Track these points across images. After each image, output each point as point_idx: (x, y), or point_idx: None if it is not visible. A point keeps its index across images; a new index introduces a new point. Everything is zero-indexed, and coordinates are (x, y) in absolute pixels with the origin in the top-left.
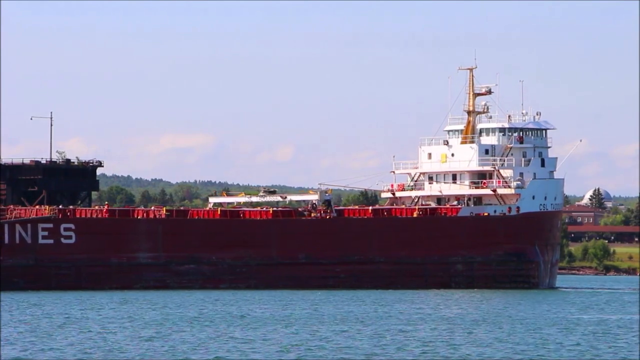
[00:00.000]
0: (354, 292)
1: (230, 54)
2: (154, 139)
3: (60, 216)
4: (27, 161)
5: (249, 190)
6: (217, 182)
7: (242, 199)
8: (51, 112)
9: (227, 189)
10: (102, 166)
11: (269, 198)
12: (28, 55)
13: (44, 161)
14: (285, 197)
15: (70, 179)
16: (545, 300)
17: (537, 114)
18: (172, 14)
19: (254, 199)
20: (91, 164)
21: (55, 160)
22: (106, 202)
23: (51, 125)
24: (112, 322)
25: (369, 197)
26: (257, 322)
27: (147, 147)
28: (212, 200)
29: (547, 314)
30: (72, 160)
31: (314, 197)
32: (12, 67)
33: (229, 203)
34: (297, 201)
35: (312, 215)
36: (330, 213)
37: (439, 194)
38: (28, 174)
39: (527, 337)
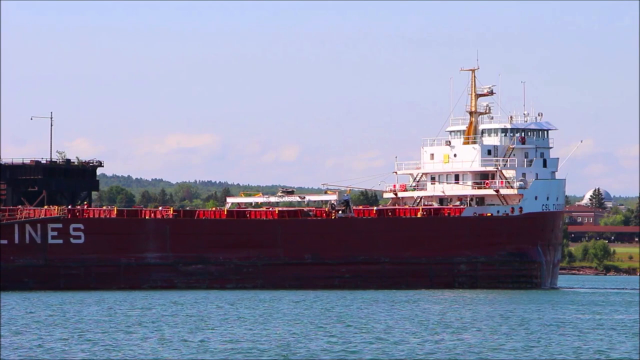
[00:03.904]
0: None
1: (234, 54)
2: (159, 139)
3: (69, 216)
4: (27, 161)
5: (248, 190)
6: (217, 182)
7: (259, 199)
8: (51, 112)
9: (227, 189)
10: (102, 166)
11: (287, 198)
12: (31, 56)
13: (44, 161)
14: (304, 198)
15: (70, 179)
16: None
17: (539, 115)
18: (174, 14)
19: (272, 199)
20: (91, 164)
21: (55, 160)
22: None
23: (51, 125)
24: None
25: (369, 197)
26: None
27: (152, 147)
28: (230, 200)
29: None
30: (72, 161)
31: (332, 197)
32: (15, 67)
33: (246, 203)
34: (315, 201)
35: (332, 215)
36: (349, 213)
37: (442, 194)
38: (28, 174)
39: None
